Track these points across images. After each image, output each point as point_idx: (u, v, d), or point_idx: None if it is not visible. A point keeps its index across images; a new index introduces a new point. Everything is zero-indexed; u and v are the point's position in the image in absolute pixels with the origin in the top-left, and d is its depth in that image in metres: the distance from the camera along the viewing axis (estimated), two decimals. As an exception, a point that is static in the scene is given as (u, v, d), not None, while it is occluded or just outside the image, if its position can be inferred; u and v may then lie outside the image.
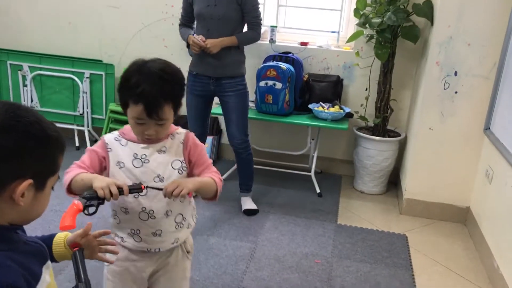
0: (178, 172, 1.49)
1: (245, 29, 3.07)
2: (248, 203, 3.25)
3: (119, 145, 1.47)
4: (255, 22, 3.02)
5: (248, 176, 3.26)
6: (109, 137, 1.50)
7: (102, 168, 1.48)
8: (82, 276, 1.08)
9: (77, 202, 1.29)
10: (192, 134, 1.56)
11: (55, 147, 0.95)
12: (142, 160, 1.46)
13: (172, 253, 1.59)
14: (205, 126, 3.19)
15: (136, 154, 1.46)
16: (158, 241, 1.52)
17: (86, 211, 1.30)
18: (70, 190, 1.41)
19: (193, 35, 2.95)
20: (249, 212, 3.20)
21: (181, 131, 1.54)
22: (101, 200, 1.31)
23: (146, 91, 1.35)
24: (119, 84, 1.43)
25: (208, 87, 3.02)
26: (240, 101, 3.04)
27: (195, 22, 3.06)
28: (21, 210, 0.92)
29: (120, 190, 1.33)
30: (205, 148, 1.60)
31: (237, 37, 2.97)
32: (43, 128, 0.92)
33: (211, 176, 1.51)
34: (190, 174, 1.54)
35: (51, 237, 1.21)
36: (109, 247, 1.30)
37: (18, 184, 0.88)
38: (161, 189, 1.39)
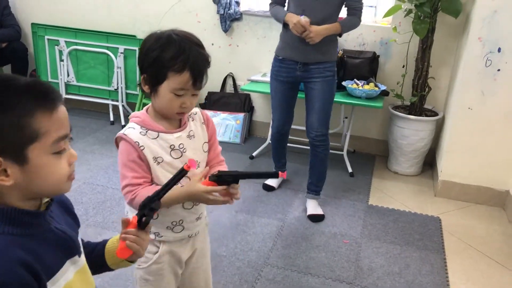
0: (207, 154, 1.47)
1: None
2: (314, 208, 2.91)
3: (149, 139, 1.33)
4: (359, 7, 2.70)
5: (320, 176, 2.91)
6: (133, 135, 1.33)
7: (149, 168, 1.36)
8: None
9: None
10: (206, 112, 1.50)
11: (18, 112, 0.81)
12: (181, 150, 1.37)
13: (204, 230, 1.57)
14: (290, 114, 2.95)
15: (173, 145, 1.36)
16: (198, 224, 1.48)
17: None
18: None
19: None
20: (315, 218, 2.85)
21: (195, 110, 1.47)
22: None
23: (192, 56, 1.28)
24: (149, 60, 1.31)
25: (294, 72, 2.74)
26: (326, 89, 2.73)
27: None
28: (18, 187, 0.83)
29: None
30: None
31: (342, 25, 2.65)
32: None
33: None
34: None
35: (103, 242, 1.13)
36: None
37: None
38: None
